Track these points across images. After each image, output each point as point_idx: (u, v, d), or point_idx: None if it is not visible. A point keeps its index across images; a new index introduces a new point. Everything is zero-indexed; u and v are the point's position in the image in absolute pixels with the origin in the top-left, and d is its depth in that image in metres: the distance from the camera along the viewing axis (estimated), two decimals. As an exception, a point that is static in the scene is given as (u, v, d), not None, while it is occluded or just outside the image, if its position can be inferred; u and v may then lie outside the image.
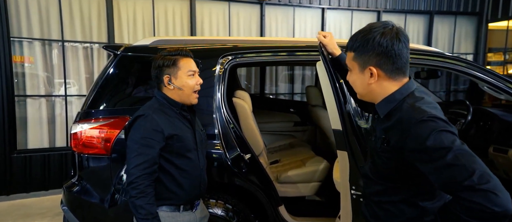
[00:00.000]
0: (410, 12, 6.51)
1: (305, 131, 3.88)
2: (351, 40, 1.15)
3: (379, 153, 1.12)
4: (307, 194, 2.68)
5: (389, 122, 1.09)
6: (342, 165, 1.66)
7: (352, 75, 1.17)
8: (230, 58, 2.37)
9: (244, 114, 2.49)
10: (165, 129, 1.50)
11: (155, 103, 1.62)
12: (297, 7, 5.85)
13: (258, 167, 2.29)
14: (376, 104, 1.14)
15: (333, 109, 1.57)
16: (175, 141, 1.53)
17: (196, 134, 1.66)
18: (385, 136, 1.09)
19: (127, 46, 2.39)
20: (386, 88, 1.11)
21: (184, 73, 1.59)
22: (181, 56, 1.61)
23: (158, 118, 1.51)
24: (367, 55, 1.09)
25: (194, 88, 1.61)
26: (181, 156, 1.56)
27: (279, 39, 2.57)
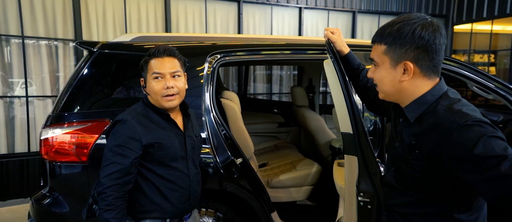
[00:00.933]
0: (383, 13, 6.64)
1: (289, 132, 3.78)
2: (382, 31, 1.02)
3: (408, 161, 1.01)
4: (299, 198, 2.59)
5: (421, 126, 0.98)
6: (349, 170, 1.56)
7: (380, 71, 1.04)
8: (219, 57, 2.22)
9: (234, 116, 2.35)
10: (144, 136, 1.36)
11: (139, 107, 1.47)
12: (275, 6, 5.76)
13: (250, 172, 2.16)
14: (405, 107, 1.03)
15: (343, 111, 1.46)
16: (156, 149, 1.38)
17: (187, 141, 1.49)
18: (415, 142, 0.98)
19: (104, 43, 2.17)
20: (418, 87, 1.00)
21: (149, 76, 1.42)
22: (150, 56, 1.43)
23: (138, 124, 1.37)
24: (404, 48, 0.97)
25: (162, 93, 1.40)
26: (164, 166, 1.42)
27: (270, 37, 2.44)
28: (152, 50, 1.43)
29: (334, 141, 3.02)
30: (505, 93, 2.28)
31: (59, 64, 4.47)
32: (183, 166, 1.47)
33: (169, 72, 1.41)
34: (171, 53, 1.44)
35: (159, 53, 1.41)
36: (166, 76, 1.40)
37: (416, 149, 0.97)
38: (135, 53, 2.17)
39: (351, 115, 1.41)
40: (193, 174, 1.52)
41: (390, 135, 1.18)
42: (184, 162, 1.47)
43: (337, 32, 1.52)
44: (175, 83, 1.42)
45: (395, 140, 1.11)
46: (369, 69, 1.11)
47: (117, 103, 2.09)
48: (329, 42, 1.50)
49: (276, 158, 2.99)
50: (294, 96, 3.38)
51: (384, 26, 1.03)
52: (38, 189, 2.12)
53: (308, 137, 3.38)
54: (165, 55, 1.42)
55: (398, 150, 1.08)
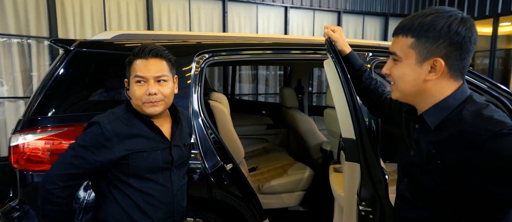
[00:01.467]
0: (368, 14, 6.66)
1: (278, 134, 3.68)
2: (410, 22, 0.90)
3: (428, 172, 0.91)
4: (291, 204, 2.48)
5: (442, 134, 0.88)
6: (350, 178, 1.47)
7: (402, 66, 0.92)
8: (207, 57, 2.09)
9: (223, 119, 2.22)
10: (118, 145, 1.21)
11: (120, 111, 1.30)
12: (260, 5, 5.66)
13: (241, 177, 2.04)
14: (424, 112, 0.92)
15: (345, 115, 1.36)
16: (131, 160, 1.23)
17: (173, 151, 1.33)
18: (435, 152, 0.88)
19: (82, 41, 1.99)
20: (442, 89, 0.89)
21: (132, 79, 1.26)
22: (134, 56, 1.26)
23: (113, 130, 1.22)
24: (436, 43, 0.86)
25: (143, 100, 1.24)
26: (141, 178, 1.26)
27: (260, 36, 2.33)
28: (137, 49, 1.27)
29: (325, 143, 2.94)
30: (498, 94, 2.25)
31: (32, 63, 4.21)
32: (165, 179, 1.31)
33: (153, 76, 1.24)
34: (157, 54, 1.26)
35: (143, 53, 1.24)
36: (149, 81, 1.24)
37: (437, 159, 0.87)
38: (117, 52, 2.02)
39: (354, 119, 1.31)
40: (177, 187, 1.36)
41: (403, 142, 1.07)
42: (166, 174, 1.32)
43: (338, 31, 1.41)
44: (159, 89, 1.25)
45: (409, 147, 1.00)
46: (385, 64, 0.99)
47: (96, 106, 1.93)
48: (330, 41, 1.40)
49: (266, 161, 2.88)
50: (283, 98, 3.28)
51: (411, 17, 0.91)
52: (6, 201, 1.92)
53: (298, 139, 3.29)
54: (150, 56, 1.25)
55: (413, 159, 0.97)
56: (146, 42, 1.33)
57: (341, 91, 1.34)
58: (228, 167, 1.97)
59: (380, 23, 6.86)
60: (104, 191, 1.28)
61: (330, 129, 2.62)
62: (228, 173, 1.97)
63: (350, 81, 1.33)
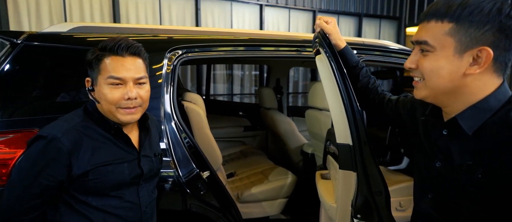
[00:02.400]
0: (342, 13, 6.65)
1: (256, 136, 3.49)
2: (446, 3, 0.74)
3: (463, 188, 0.76)
4: (273, 213, 2.31)
5: (483, 141, 0.74)
6: (344, 188, 1.31)
7: (437, 58, 0.75)
8: (180, 53, 1.88)
9: (199, 122, 2.01)
10: (77, 161, 1.01)
11: (78, 118, 1.08)
12: (235, 2, 5.47)
13: (219, 186, 1.85)
14: (459, 114, 0.77)
15: (340, 118, 1.20)
16: (93, 175, 1.04)
17: (143, 163, 1.15)
18: (473, 163, 0.74)
19: (31, 33, 1.72)
20: (484, 86, 0.74)
21: (103, 80, 1.04)
22: (108, 52, 1.05)
23: (71, 143, 1.01)
24: (482, 29, 0.70)
25: (119, 105, 1.05)
26: (104, 196, 1.08)
27: (239, 31, 2.14)
28: (110, 44, 1.04)
29: (306, 145, 2.79)
30: None
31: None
32: (131, 195, 1.13)
33: (132, 77, 1.05)
34: (136, 51, 1.07)
35: (120, 50, 1.04)
36: (128, 83, 1.05)
37: (477, 172, 0.72)
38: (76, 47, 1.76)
39: (352, 122, 1.15)
40: (146, 203, 1.18)
41: (420, 150, 0.91)
42: (134, 189, 1.13)
43: (332, 22, 1.25)
44: (139, 92, 1.07)
45: (434, 157, 0.84)
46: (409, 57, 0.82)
47: (48, 109, 1.66)
48: (323, 33, 1.22)
49: (244, 166, 2.69)
50: (261, 98, 3.10)
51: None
52: None
53: (277, 141, 3.12)
54: (128, 53, 1.06)
55: (441, 172, 0.82)
56: (117, 36, 1.11)
57: (336, 90, 1.17)
58: (205, 174, 1.78)
59: (354, 22, 6.88)
60: (52, 214, 1.07)
61: (312, 130, 2.47)
62: (205, 182, 1.77)
63: (347, 78, 1.16)
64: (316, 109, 2.37)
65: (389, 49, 2.05)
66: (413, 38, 0.80)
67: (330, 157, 1.71)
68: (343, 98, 1.17)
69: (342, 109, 1.18)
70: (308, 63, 3.39)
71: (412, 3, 7.63)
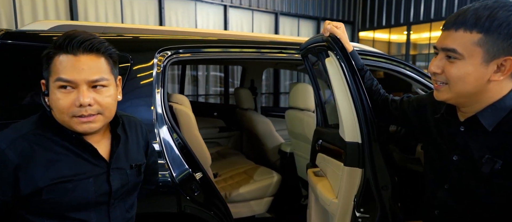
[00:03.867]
0: (302, 17, 6.89)
1: (231, 137, 3.50)
2: (474, 15, 0.79)
3: (486, 179, 0.84)
4: (260, 211, 2.34)
5: (499, 137, 0.83)
6: (349, 184, 1.39)
7: (465, 66, 0.81)
8: (170, 54, 1.84)
9: (189, 123, 1.98)
10: (26, 176, 0.85)
11: (30, 126, 0.91)
12: (199, 2, 5.41)
13: (211, 187, 1.85)
14: (479, 113, 0.84)
15: (350, 117, 1.27)
16: (48, 194, 0.87)
17: (114, 177, 0.96)
18: (492, 156, 0.82)
19: (8, 31, 1.59)
20: (502, 89, 0.83)
21: (52, 83, 0.86)
22: (56, 50, 0.86)
23: (18, 157, 0.85)
24: (509, 41, 0.77)
25: (71, 113, 0.87)
26: (61, 218, 0.90)
27: (228, 33, 2.15)
28: (60, 39, 0.87)
29: (284, 145, 2.87)
30: None
31: None
32: (100, 217, 0.95)
33: (86, 80, 0.87)
34: (93, 47, 0.88)
35: (71, 46, 0.85)
36: (80, 87, 0.86)
37: (496, 164, 0.80)
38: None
39: (362, 120, 1.23)
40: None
41: (433, 145, 1.00)
42: (103, 209, 0.95)
43: (341, 27, 1.32)
44: (96, 97, 0.88)
45: (450, 152, 0.92)
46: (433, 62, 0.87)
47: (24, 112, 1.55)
48: (335, 37, 1.29)
49: (225, 167, 2.69)
50: (238, 99, 3.12)
51: (474, 9, 0.80)
52: None
53: (253, 141, 3.16)
54: (82, 50, 0.86)
55: (458, 165, 0.90)
56: (76, 31, 0.92)
57: (346, 90, 1.25)
58: (198, 176, 1.76)
59: (313, 26, 7.16)
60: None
61: (293, 130, 2.55)
62: (198, 183, 1.76)
63: (359, 79, 1.24)
64: (297, 110, 2.45)
65: (378, 54, 2.17)
66: (438, 44, 0.87)
67: (322, 155, 1.79)
68: (354, 98, 1.24)
69: (352, 109, 1.26)
70: (282, 65, 3.49)
71: (364, 9, 8.14)
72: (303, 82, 2.49)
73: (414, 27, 7.74)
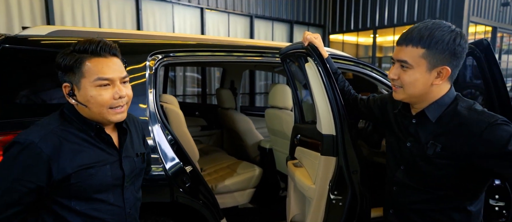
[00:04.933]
0: (276, 20, 7.15)
1: (212, 135, 3.67)
2: (419, 34, 1.01)
3: (430, 159, 1.05)
4: (243, 202, 2.54)
5: (440, 126, 1.04)
6: (324, 170, 1.62)
7: (414, 73, 1.03)
8: (160, 57, 2.01)
9: (178, 121, 2.15)
10: (58, 165, 1.00)
11: (54, 122, 1.05)
12: (176, 4, 5.52)
13: (200, 179, 2.03)
14: (426, 108, 1.07)
15: (326, 113, 1.51)
16: (75, 180, 1.02)
17: (125, 163, 1.13)
18: (435, 141, 1.04)
19: (8, 36, 1.70)
20: (442, 90, 1.05)
21: (90, 82, 1.02)
22: (90, 54, 1.02)
23: (49, 148, 0.99)
24: (443, 54, 0.99)
25: (110, 104, 1.04)
26: (88, 200, 1.06)
27: (216, 38, 2.33)
28: (90, 46, 1.02)
29: (263, 142, 3.08)
30: None
31: None
32: (116, 197, 1.12)
33: (119, 77, 1.05)
34: (115, 51, 1.08)
35: (103, 51, 1.03)
36: (115, 82, 1.05)
37: (438, 147, 1.02)
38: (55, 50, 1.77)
39: (336, 116, 1.46)
40: (131, 205, 1.17)
41: (393, 135, 1.23)
42: (118, 191, 1.12)
43: (318, 38, 1.56)
44: (126, 91, 1.08)
45: (405, 140, 1.14)
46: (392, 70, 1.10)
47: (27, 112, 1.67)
48: (313, 46, 1.52)
49: (209, 162, 2.86)
50: (220, 99, 3.30)
51: (419, 29, 1.02)
52: None
53: (234, 139, 3.35)
54: (110, 54, 1.05)
55: (411, 149, 1.11)
56: (91, 38, 1.08)
57: (323, 91, 1.48)
58: (188, 169, 1.94)
59: (286, 28, 7.44)
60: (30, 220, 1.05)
61: (272, 128, 2.77)
62: (188, 175, 1.94)
63: (333, 81, 1.47)
64: (276, 109, 2.67)
65: (348, 58, 2.43)
66: (394, 56, 1.10)
67: (301, 148, 2.02)
68: (329, 97, 1.47)
69: (328, 106, 1.49)
70: (260, 67, 3.70)
71: (334, 14, 8.54)
72: (281, 83, 2.72)
73: (379, 31, 8.23)
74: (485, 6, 7.59)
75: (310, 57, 1.52)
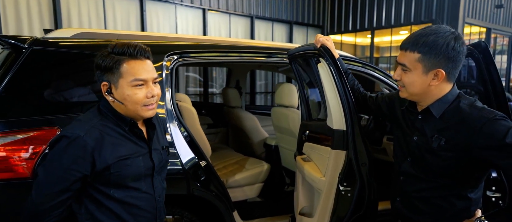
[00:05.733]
0: (276, 20, 7.27)
1: (218, 133, 3.78)
2: (415, 40, 1.13)
3: (435, 151, 1.16)
4: (252, 196, 2.66)
5: (444, 121, 1.15)
6: (335, 164, 1.74)
7: (412, 75, 1.16)
8: (176, 58, 2.12)
9: (192, 119, 2.26)
10: (99, 156, 1.12)
11: (94, 117, 1.18)
12: (179, 5, 5.62)
13: (214, 173, 2.15)
14: (431, 105, 1.18)
15: (337, 111, 1.63)
16: (114, 169, 1.14)
17: (154, 155, 1.26)
18: (439, 134, 1.15)
19: (37, 39, 1.81)
20: (442, 90, 1.16)
21: (127, 82, 1.14)
22: (127, 57, 1.14)
23: (93, 141, 1.11)
24: (438, 58, 1.10)
25: (143, 103, 1.17)
26: (124, 187, 1.18)
27: (226, 39, 2.46)
28: (127, 50, 1.14)
29: (269, 139, 3.21)
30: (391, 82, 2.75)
31: None
32: (147, 186, 1.25)
33: (152, 78, 1.18)
34: (149, 55, 1.20)
35: (139, 54, 1.15)
36: (148, 83, 1.17)
37: (442, 140, 1.13)
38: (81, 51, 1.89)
39: (347, 112, 1.59)
40: (159, 193, 1.30)
41: (400, 130, 1.35)
42: (148, 180, 1.25)
43: (330, 40, 1.68)
44: (157, 90, 1.21)
45: (412, 134, 1.26)
46: (395, 72, 1.23)
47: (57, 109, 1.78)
48: (326, 47, 1.65)
49: (217, 159, 2.98)
50: (226, 98, 3.42)
51: (416, 35, 1.14)
52: None
53: (240, 137, 3.47)
54: (144, 57, 1.18)
55: (417, 143, 1.23)
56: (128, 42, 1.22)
57: (334, 89, 1.60)
58: (202, 163, 2.05)
59: (286, 29, 7.57)
60: (77, 209, 1.16)
61: (278, 125, 2.89)
62: (203, 169, 2.05)
63: (345, 80, 1.60)
64: (283, 107, 2.79)
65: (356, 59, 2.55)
66: (397, 60, 1.23)
67: (309, 143, 2.14)
68: (340, 94, 1.60)
69: (339, 103, 1.61)
70: (265, 67, 3.82)
71: (332, 14, 8.69)
72: (287, 83, 2.85)
73: (377, 32, 8.39)
74: (479, 8, 7.78)
75: (322, 57, 1.64)
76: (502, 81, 9.80)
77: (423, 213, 1.25)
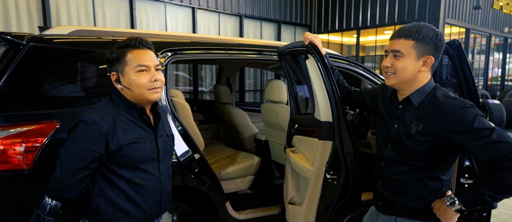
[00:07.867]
0: (264, 20, 7.39)
1: (209, 129, 3.86)
2: (409, 30, 1.26)
3: (412, 136, 1.28)
4: (243, 188, 2.76)
5: (422, 109, 1.28)
6: (322, 153, 1.86)
7: (405, 60, 1.27)
8: (170, 55, 2.20)
9: (186, 113, 2.34)
10: (112, 139, 1.26)
11: (108, 105, 1.32)
12: (168, 4, 5.67)
13: (206, 165, 2.23)
14: (411, 94, 1.31)
15: (324, 103, 1.74)
16: (124, 151, 1.28)
17: (159, 141, 1.39)
18: (417, 121, 1.27)
19: (34, 36, 1.87)
20: (425, 78, 1.29)
21: (131, 69, 1.29)
22: (130, 48, 1.30)
23: (107, 125, 1.25)
24: (428, 46, 1.24)
25: (148, 87, 1.30)
26: (133, 168, 1.32)
27: (219, 37, 2.54)
28: (130, 42, 1.31)
29: (259, 134, 3.31)
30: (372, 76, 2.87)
31: None
32: (154, 169, 1.38)
33: (154, 64, 1.33)
34: (150, 46, 1.36)
35: (140, 44, 1.32)
36: (151, 69, 1.31)
37: (420, 127, 1.26)
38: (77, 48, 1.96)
39: (333, 105, 1.71)
40: (165, 176, 1.43)
41: (382, 120, 1.47)
42: (155, 164, 1.38)
43: (317, 38, 1.80)
44: (159, 76, 1.34)
45: (392, 122, 1.38)
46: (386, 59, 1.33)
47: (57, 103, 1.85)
48: (313, 44, 1.76)
49: (209, 153, 3.06)
50: (218, 94, 3.51)
51: (410, 26, 1.28)
52: None
53: (231, 132, 3.56)
54: (146, 47, 1.33)
55: (398, 130, 1.34)
56: (132, 36, 1.38)
57: (321, 83, 1.72)
58: (196, 156, 2.14)
59: (274, 28, 7.69)
60: (92, 186, 1.30)
61: (268, 120, 3.00)
62: (197, 162, 2.13)
63: (331, 75, 1.72)
64: (272, 103, 2.90)
65: (342, 57, 2.68)
66: (388, 48, 1.34)
67: (298, 136, 2.26)
68: (327, 88, 1.71)
69: (326, 97, 1.73)
70: (254, 64, 3.92)
71: (319, 14, 8.86)
72: (277, 79, 2.96)
73: (362, 31, 8.60)
74: (459, 9, 8.07)
75: (310, 54, 1.75)
76: (480, 81, 10.18)
77: (401, 194, 1.38)
